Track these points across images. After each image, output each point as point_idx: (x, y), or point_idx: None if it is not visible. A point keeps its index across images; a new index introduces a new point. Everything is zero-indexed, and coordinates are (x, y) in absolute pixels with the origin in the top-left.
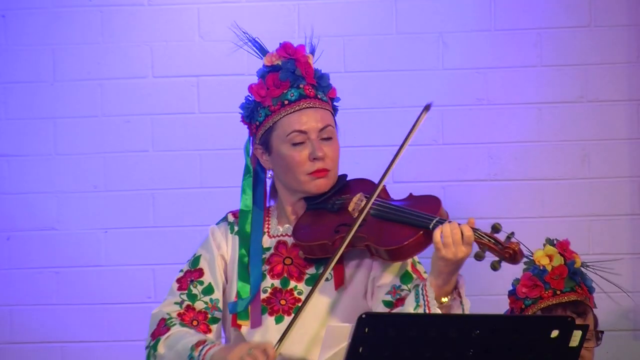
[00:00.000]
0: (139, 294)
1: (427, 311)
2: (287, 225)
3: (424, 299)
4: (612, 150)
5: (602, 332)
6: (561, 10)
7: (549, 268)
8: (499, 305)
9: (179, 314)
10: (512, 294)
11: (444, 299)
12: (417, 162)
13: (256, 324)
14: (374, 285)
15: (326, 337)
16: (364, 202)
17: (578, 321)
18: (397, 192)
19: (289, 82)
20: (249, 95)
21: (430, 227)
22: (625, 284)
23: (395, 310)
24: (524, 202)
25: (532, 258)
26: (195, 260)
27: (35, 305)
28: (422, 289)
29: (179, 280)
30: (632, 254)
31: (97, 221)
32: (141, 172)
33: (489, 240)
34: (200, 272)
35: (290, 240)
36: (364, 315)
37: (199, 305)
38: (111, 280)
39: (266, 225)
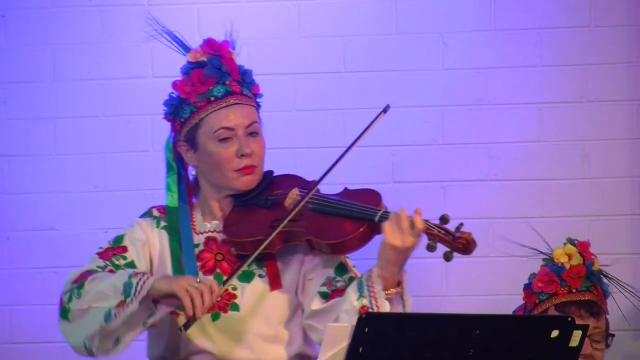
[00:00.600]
0: None
1: (373, 302)
2: (215, 222)
3: (369, 290)
4: (611, 150)
5: (613, 335)
6: (561, 10)
7: (567, 266)
8: (499, 305)
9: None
10: (527, 287)
11: (390, 290)
12: (417, 162)
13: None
14: (305, 278)
15: (326, 337)
16: (299, 197)
17: (591, 321)
18: (397, 191)
19: (214, 79)
20: (172, 92)
21: (376, 219)
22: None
23: (333, 301)
24: (524, 202)
25: (551, 255)
26: (118, 238)
27: (35, 305)
28: (367, 280)
29: (99, 254)
30: (632, 254)
31: (97, 221)
32: (141, 172)
33: (439, 231)
34: (124, 249)
35: (219, 237)
36: (363, 315)
37: None
38: None
39: (192, 222)
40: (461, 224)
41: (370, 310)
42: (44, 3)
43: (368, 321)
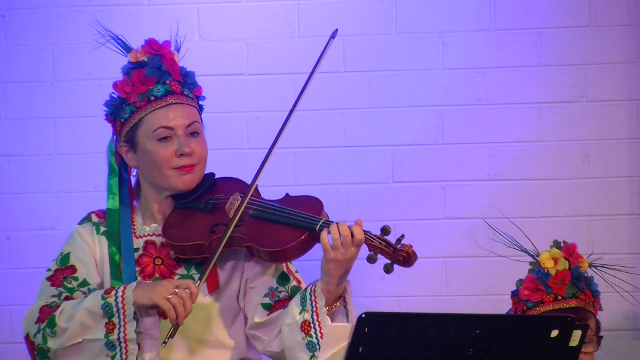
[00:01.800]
0: None
1: (315, 318)
2: (155, 225)
3: (312, 305)
4: (612, 150)
5: (602, 337)
6: (561, 10)
7: (552, 272)
8: (499, 305)
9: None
10: (514, 295)
11: (335, 305)
12: (417, 162)
13: None
14: (247, 287)
15: (326, 337)
16: (239, 202)
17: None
18: (397, 191)
19: (155, 79)
20: (113, 93)
21: (317, 228)
22: (626, 283)
23: (276, 313)
24: (524, 202)
25: (538, 259)
26: (65, 258)
27: None
28: (310, 295)
29: (50, 279)
30: (632, 254)
31: None
32: None
33: (381, 243)
34: (73, 269)
35: (159, 240)
36: (364, 315)
37: (77, 295)
38: None
39: (132, 225)
40: (402, 236)
41: (312, 326)
42: (44, 3)
43: (368, 321)
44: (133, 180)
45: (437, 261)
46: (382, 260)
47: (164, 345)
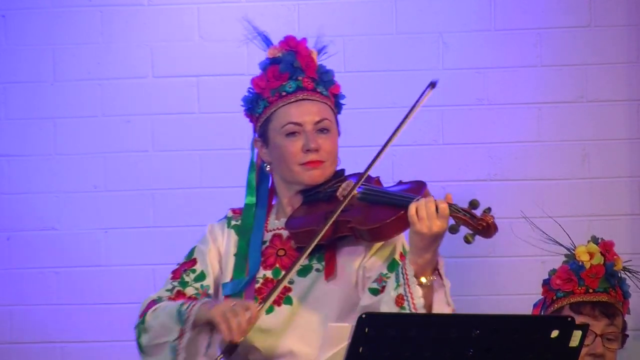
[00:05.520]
0: (139, 294)
1: (407, 289)
2: (283, 219)
3: (403, 278)
4: (611, 150)
5: (627, 335)
6: (561, 10)
7: (587, 265)
8: (499, 305)
9: (169, 298)
10: (545, 283)
11: (423, 279)
12: (417, 162)
13: None
14: (364, 276)
15: (326, 337)
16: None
17: (605, 322)
18: None
19: (287, 74)
20: (250, 88)
21: (407, 213)
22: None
23: (379, 296)
24: (524, 202)
25: (573, 252)
26: (190, 252)
27: (35, 305)
28: (402, 268)
29: (173, 271)
30: (632, 254)
31: (97, 221)
32: (141, 172)
33: (464, 214)
34: (193, 262)
35: (285, 233)
36: (364, 315)
37: (190, 290)
38: (111, 280)
39: (266, 221)
40: (489, 208)
41: (405, 297)
42: (44, 3)
43: (368, 321)
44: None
45: None
46: (464, 232)
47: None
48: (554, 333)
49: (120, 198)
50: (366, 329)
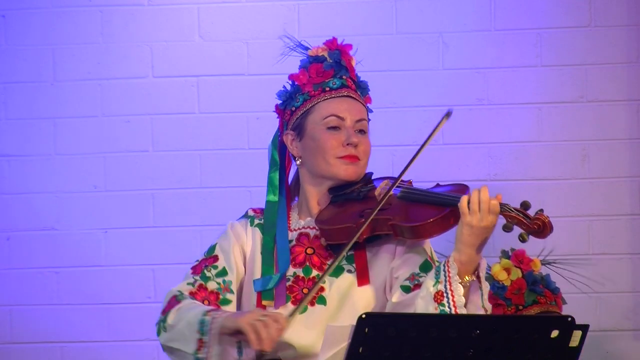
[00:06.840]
0: (138, 294)
1: (448, 286)
2: (309, 219)
3: (445, 275)
4: (612, 150)
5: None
6: (561, 10)
7: (507, 283)
8: None
9: (191, 292)
10: None
11: (466, 277)
12: (417, 161)
13: (280, 303)
14: (392, 277)
15: (326, 337)
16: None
17: None
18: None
19: (332, 72)
20: (288, 82)
21: (458, 204)
22: (625, 283)
23: (413, 293)
24: None
25: (490, 273)
26: (211, 249)
27: (35, 305)
28: (444, 265)
29: (193, 267)
30: (632, 254)
31: (97, 221)
32: (141, 172)
33: (518, 214)
34: (215, 258)
35: (312, 232)
36: (364, 316)
37: (212, 285)
38: (111, 280)
39: (288, 220)
40: (541, 210)
41: (445, 295)
42: (44, 3)
43: (368, 321)
44: (290, 176)
45: None
46: (518, 232)
47: None
48: (554, 333)
49: (120, 198)
50: (366, 329)
